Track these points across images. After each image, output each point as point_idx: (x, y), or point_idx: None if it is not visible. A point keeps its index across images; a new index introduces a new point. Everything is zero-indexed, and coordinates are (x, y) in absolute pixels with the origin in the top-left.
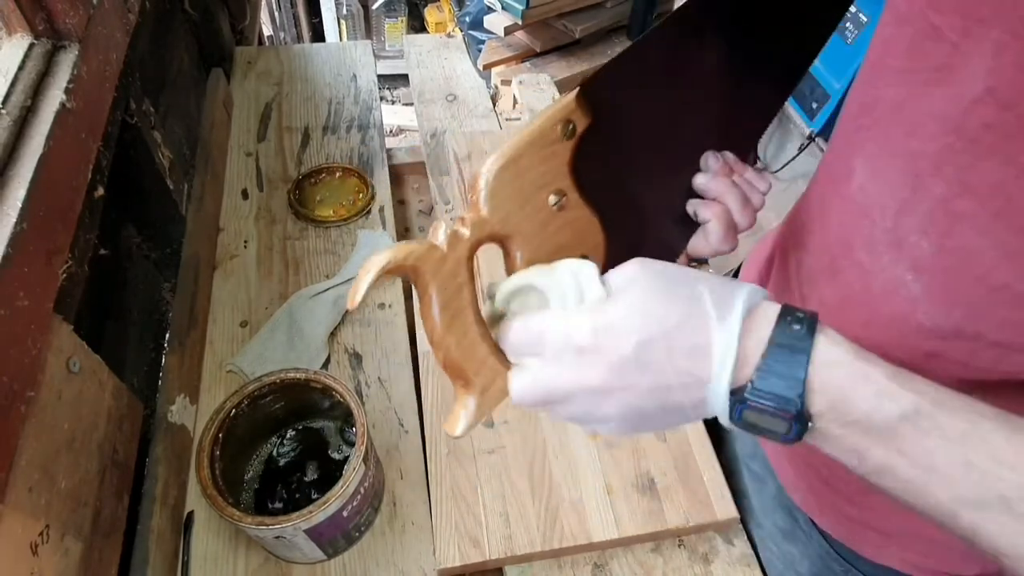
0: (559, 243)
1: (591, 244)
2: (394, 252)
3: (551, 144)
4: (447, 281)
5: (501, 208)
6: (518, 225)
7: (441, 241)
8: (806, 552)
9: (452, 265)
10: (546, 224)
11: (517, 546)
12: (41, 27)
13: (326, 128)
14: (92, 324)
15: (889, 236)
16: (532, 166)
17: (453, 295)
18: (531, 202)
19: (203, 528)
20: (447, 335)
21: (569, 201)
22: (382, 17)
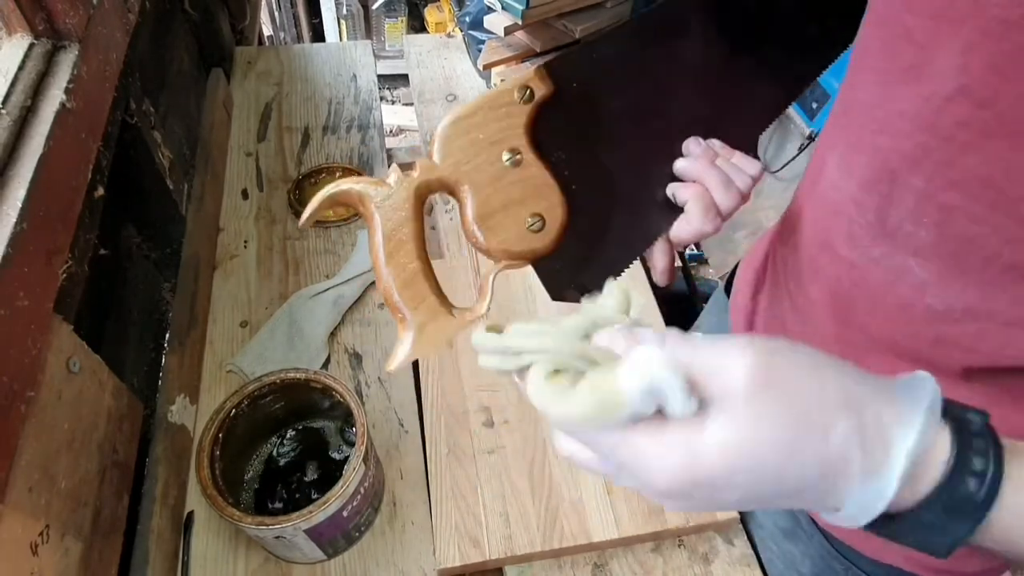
0: (510, 196)
1: (545, 203)
2: (344, 181)
3: (507, 105)
4: (391, 213)
5: (451, 156)
6: (468, 174)
7: (392, 180)
8: (807, 551)
9: (397, 200)
10: (498, 177)
11: (517, 546)
12: (41, 27)
13: (326, 128)
14: (92, 324)
15: (874, 230)
16: (487, 122)
17: (396, 227)
18: (483, 154)
19: (203, 528)
20: (386, 265)
21: (524, 160)
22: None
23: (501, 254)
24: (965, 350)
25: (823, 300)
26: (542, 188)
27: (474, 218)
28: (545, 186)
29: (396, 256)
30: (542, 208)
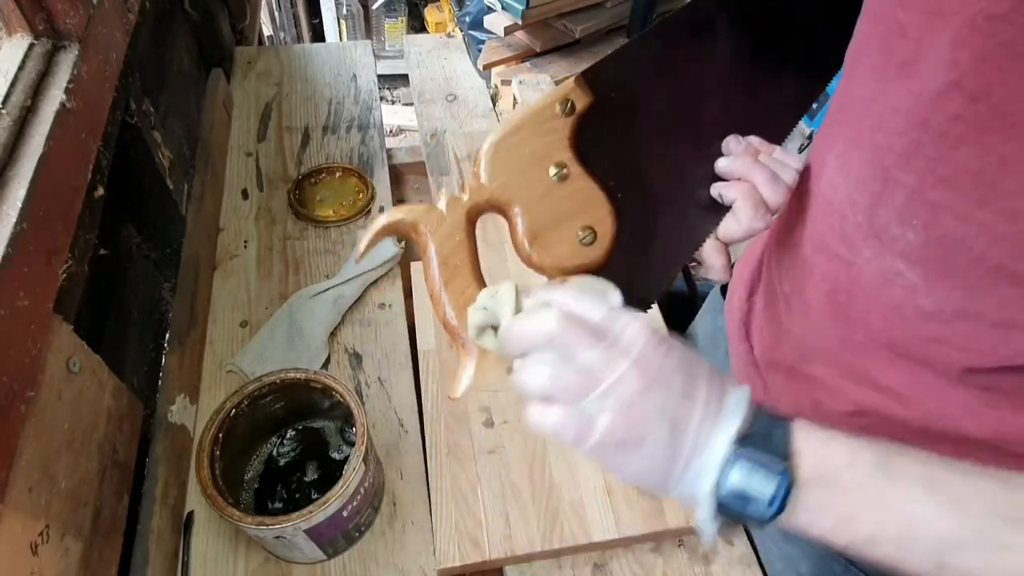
0: (561, 211)
1: (595, 215)
2: (397, 210)
3: (550, 120)
4: (445, 240)
5: (499, 176)
6: (517, 192)
7: (442, 204)
8: (806, 552)
9: (450, 226)
10: (547, 193)
11: (517, 546)
12: (41, 27)
13: (326, 128)
14: (92, 324)
15: (864, 230)
16: (531, 139)
17: (451, 253)
18: (530, 172)
19: (203, 528)
20: (444, 292)
21: (571, 173)
22: (382, 17)
23: (555, 271)
24: (960, 349)
25: (820, 300)
26: (591, 200)
27: (526, 236)
28: (593, 198)
29: (453, 282)
30: (592, 220)
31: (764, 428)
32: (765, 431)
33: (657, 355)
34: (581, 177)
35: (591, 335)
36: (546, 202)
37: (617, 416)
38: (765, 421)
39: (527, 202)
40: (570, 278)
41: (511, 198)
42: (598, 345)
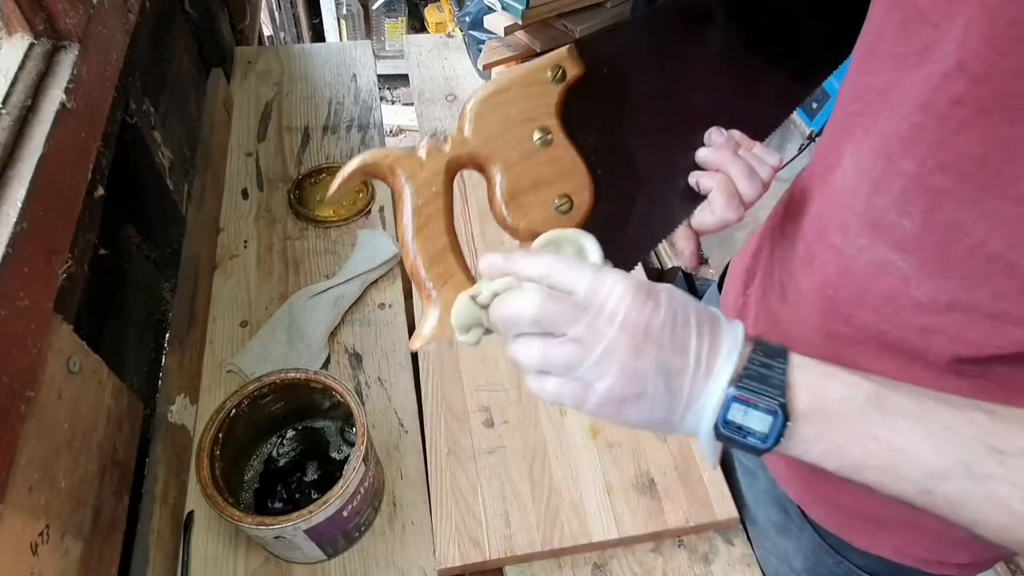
0: (540, 176)
1: (573, 184)
2: (375, 152)
3: (540, 83)
4: (422, 187)
5: (483, 132)
6: (499, 150)
7: (422, 152)
8: (799, 546)
9: (428, 173)
10: (528, 156)
11: (517, 546)
12: (41, 27)
13: (326, 128)
14: (92, 324)
15: (861, 218)
16: (519, 99)
17: (426, 201)
18: (514, 132)
19: (203, 528)
20: (415, 239)
21: (555, 140)
22: (382, 17)
23: (527, 234)
24: (952, 339)
25: (812, 291)
26: (571, 170)
27: (503, 196)
28: (574, 168)
29: (424, 231)
30: (570, 190)
31: (761, 363)
32: (762, 366)
33: (643, 315)
34: (563, 145)
35: (574, 309)
36: (527, 164)
37: (612, 380)
38: (762, 356)
39: (508, 162)
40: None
41: (492, 155)
42: (583, 318)
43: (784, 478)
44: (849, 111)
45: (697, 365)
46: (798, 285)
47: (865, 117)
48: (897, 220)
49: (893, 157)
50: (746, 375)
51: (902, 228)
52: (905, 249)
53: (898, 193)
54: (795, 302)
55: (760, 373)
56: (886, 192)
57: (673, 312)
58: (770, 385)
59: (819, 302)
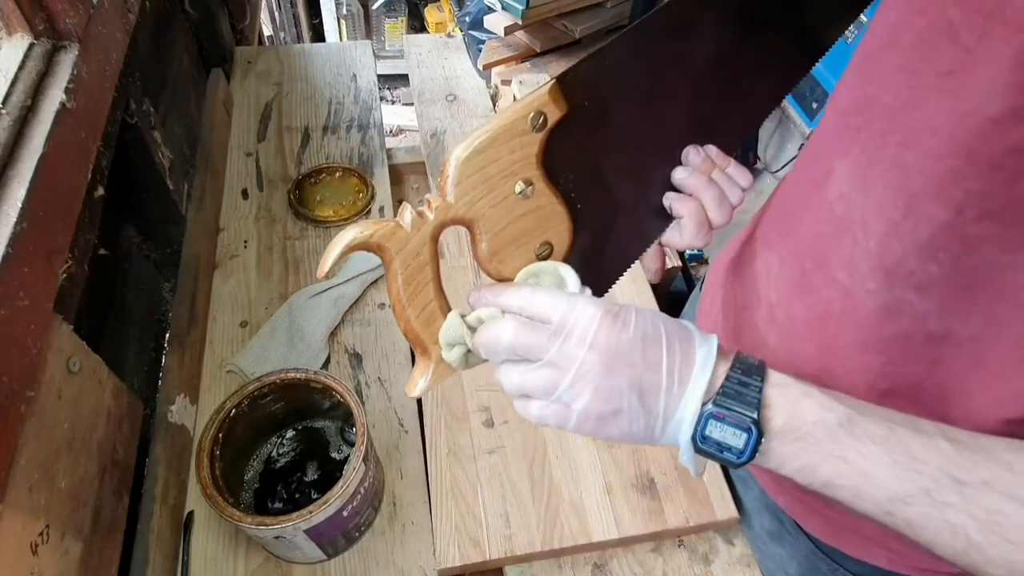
0: (522, 228)
1: (554, 231)
2: (361, 229)
3: (520, 135)
4: (410, 259)
5: (467, 194)
6: (482, 210)
7: (407, 222)
8: (793, 553)
9: (415, 245)
10: (510, 210)
11: (517, 546)
12: (41, 27)
13: (326, 128)
14: (92, 324)
15: (872, 260)
16: (500, 156)
17: (415, 272)
18: (497, 190)
19: (203, 528)
20: (408, 307)
21: (536, 190)
22: (382, 17)
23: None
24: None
25: (810, 323)
26: (551, 216)
27: (487, 253)
28: (554, 214)
29: (416, 298)
30: (551, 236)
31: (738, 381)
32: (739, 384)
33: (612, 335)
34: (545, 194)
35: (548, 335)
36: (508, 219)
37: (588, 399)
38: (739, 373)
39: (490, 221)
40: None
41: (475, 217)
42: (555, 343)
43: (774, 490)
44: (847, 123)
45: (670, 381)
46: (790, 312)
47: (866, 135)
48: (919, 267)
49: (918, 199)
50: (723, 392)
51: (925, 273)
52: (926, 291)
53: (924, 240)
54: (786, 329)
55: (736, 391)
56: (906, 237)
57: (643, 330)
58: (745, 403)
59: (816, 336)
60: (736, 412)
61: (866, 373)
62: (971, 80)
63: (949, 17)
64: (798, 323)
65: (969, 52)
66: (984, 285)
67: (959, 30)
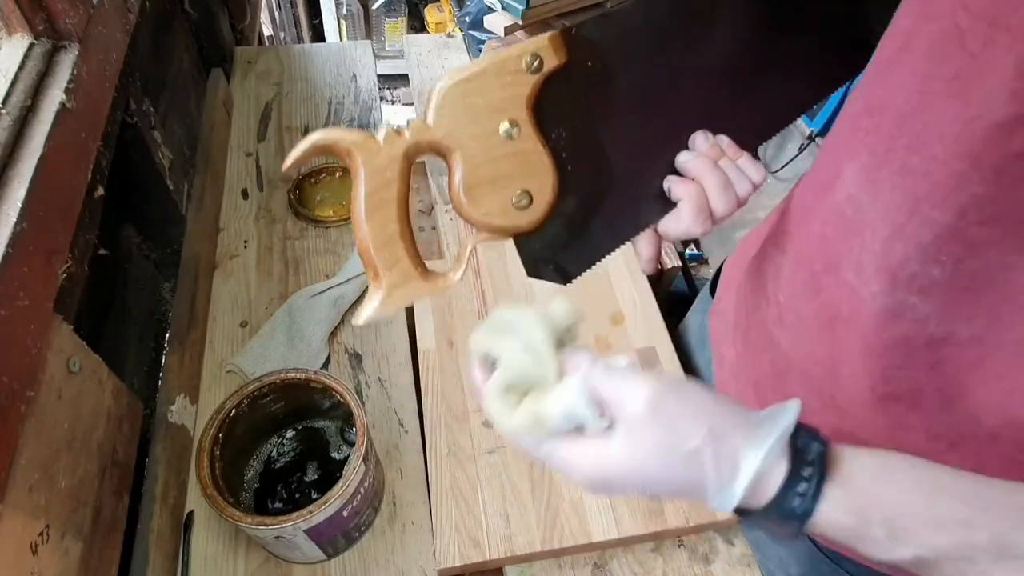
0: (502, 170)
1: (536, 182)
2: (332, 131)
3: (513, 73)
4: (377, 172)
5: (447, 121)
6: (461, 141)
7: (381, 136)
8: (795, 553)
9: (384, 159)
10: (491, 149)
11: (517, 546)
12: (41, 27)
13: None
14: (92, 324)
15: (877, 262)
16: (489, 89)
17: (380, 187)
18: (480, 123)
19: (203, 528)
20: (366, 222)
21: (522, 133)
22: (382, 17)
23: (483, 226)
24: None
25: (821, 324)
26: (535, 165)
27: (461, 187)
28: (539, 164)
29: (376, 215)
30: (532, 186)
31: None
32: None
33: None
34: (531, 139)
35: None
36: (488, 156)
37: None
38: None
39: (469, 152)
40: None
41: (452, 145)
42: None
43: None
44: (858, 125)
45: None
46: (799, 312)
47: (875, 139)
48: (921, 269)
49: (921, 203)
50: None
51: (927, 276)
52: (928, 293)
53: (927, 243)
54: (795, 329)
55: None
56: (909, 240)
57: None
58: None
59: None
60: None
61: (869, 376)
62: (976, 86)
63: (958, 23)
64: (809, 325)
65: (974, 58)
66: (987, 288)
67: (967, 36)
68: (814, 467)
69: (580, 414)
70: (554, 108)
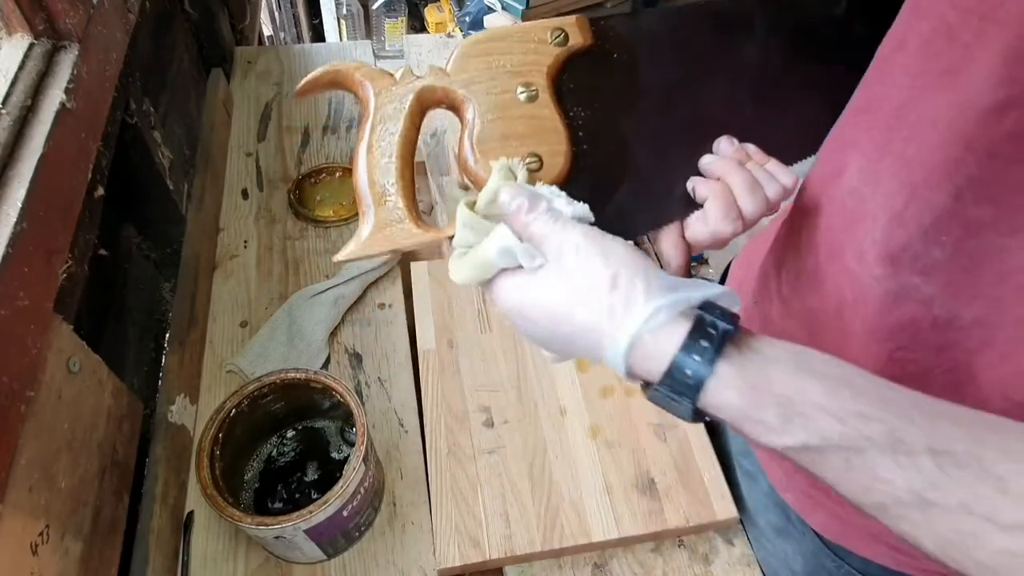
0: (514, 129)
1: (548, 148)
2: (347, 62)
3: (537, 42)
4: (387, 105)
5: (464, 72)
6: (476, 94)
7: (399, 74)
8: (799, 549)
9: (397, 94)
10: (506, 107)
11: (517, 546)
12: (41, 27)
13: (326, 128)
14: (92, 324)
15: (878, 248)
16: (511, 51)
17: (388, 119)
18: (498, 80)
19: (203, 528)
20: (366, 154)
21: (539, 98)
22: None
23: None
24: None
25: (827, 313)
26: (549, 132)
27: (471, 139)
28: (553, 131)
29: (376, 148)
30: (543, 151)
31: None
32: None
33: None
34: (548, 106)
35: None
36: (502, 114)
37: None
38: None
39: (484, 106)
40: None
41: (468, 97)
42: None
43: (783, 486)
44: (858, 121)
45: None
46: (806, 302)
47: (876, 132)
48: (923, 251)
49: (919, 188)
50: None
51: (929, 257)
52: (930, 274)
53: (927, 225)
54: (801, 319)
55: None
56: (909, 224)
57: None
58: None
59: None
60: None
61: (876, 361)
62: (969, 75)
63: (948, 19)
64: (816, 314)
65: (967, 49)
66: (984, 268)
67: (957, 30)
68: (712, 342)
69: (512, 251)
70: (575, 86)
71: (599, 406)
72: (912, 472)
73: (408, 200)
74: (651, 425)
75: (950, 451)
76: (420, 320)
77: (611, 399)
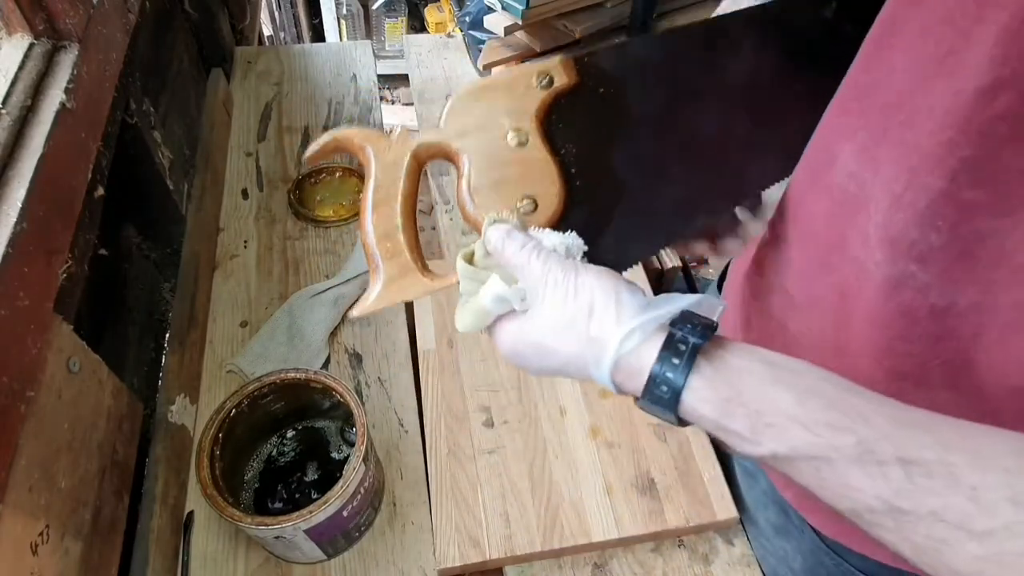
0: (507, 176)
1: (541, 188)
2: (348, 128)
3: (524, 88)
4: (387, 168)
5: (456, 125)
6: (470, 145)
7: (394, 135)
8: (799, 547)
9: (395, 155)
10: (499, 154)
11: (517, 546)
12: (41, 27)
13: (326, 128)
14: (92, 324)
15: (880, 232)
16: (499, 99)
17: (388, 182)
18: (488, 129)
19: (203, 528)
20: (371, 213)
21: (530, 143)
22: (382, 17)
23: None
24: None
25: (829, 300)
26: (542, 173)
27: (467, 188)
28: (545, 172)
29: (382, 208)
30: (537, 192)
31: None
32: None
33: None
34: (538, 148)
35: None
36: (494, 161)
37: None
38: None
39: (477, 157)
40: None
41: (461, 148)
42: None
43: (782, 484)
44: (847, 109)
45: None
46: (811, 292)
47: (871, 118)
48: (920, 236)
49: (917, 172)
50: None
51: (926, 242)
52: (926, 261)
53: (923, 209)
54: (805, 310)
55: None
56: (907, 208)
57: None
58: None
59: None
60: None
61: (875, 349)
62: (966, 59)
63: (947, 4)
64: (821, 303)
65: (964, 35)
66: (979, 252)
67: (955, 16)
68: (682, 356)
69: (505, 297)
70: (564, 125)
71: (599, 406)
72: (881, 481)
73: (414, 252)
74: (651, 425)
75: (921, 460)
76: (420, 320)
77: (611, 399)
